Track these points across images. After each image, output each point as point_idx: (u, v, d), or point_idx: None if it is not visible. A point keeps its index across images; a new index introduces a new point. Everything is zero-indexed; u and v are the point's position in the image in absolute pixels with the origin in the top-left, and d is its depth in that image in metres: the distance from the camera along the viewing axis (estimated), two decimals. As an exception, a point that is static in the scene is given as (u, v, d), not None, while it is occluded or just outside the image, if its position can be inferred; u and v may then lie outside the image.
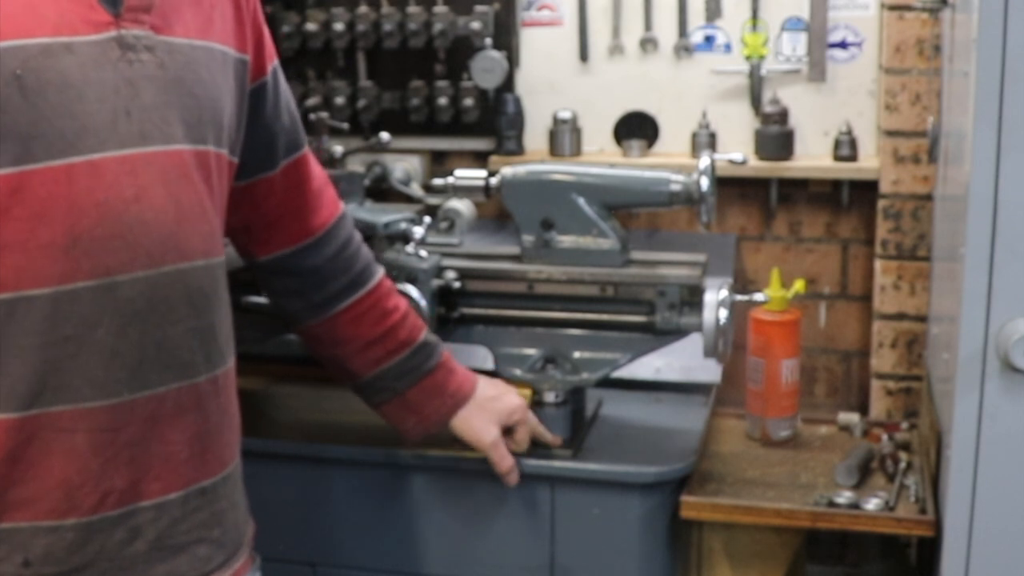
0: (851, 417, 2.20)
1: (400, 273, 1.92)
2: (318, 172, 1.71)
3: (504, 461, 1.83)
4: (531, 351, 1.95)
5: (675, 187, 1.90)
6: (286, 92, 1.63)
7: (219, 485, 1.41)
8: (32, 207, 1.21)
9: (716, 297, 1.83)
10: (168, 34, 1.32)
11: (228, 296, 1.44)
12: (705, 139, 2.57)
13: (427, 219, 2.08)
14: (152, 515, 1.32)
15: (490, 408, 1.82)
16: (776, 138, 2.52)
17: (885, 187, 2.47)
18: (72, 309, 1.24)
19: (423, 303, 1.90)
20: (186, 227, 1.32)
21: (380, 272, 1.78)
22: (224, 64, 1.41)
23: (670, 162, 2.50)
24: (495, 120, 2.64)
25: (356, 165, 2.63)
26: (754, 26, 2.55)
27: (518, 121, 2.65)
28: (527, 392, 1.96)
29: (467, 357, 2.20)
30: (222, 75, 1.40)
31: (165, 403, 1.32)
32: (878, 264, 2.50)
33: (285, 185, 1.64)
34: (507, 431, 1.85)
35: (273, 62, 1.57)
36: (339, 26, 2.65)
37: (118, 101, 1.25)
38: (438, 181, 2.05)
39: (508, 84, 2.64)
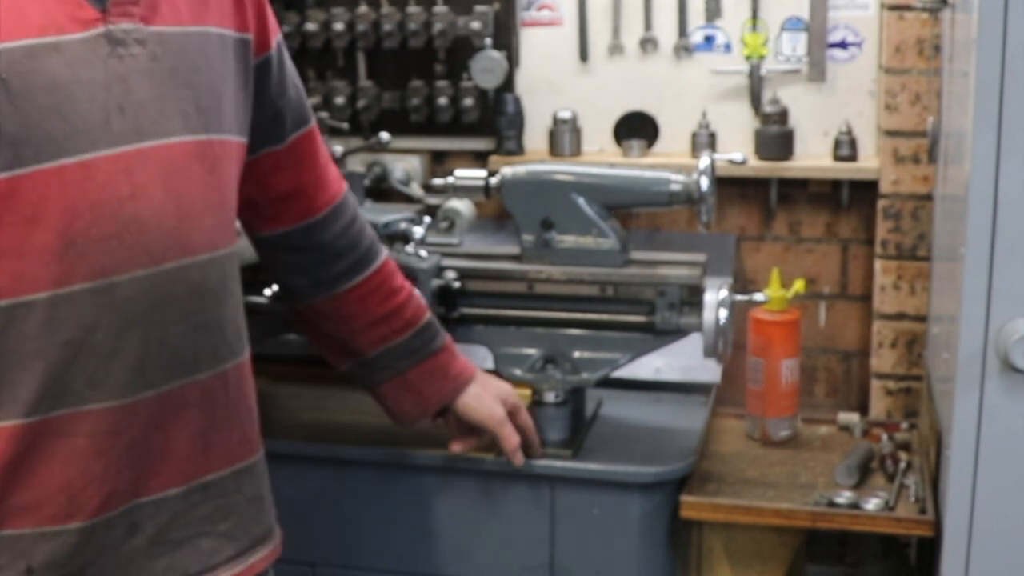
0: (851, 417, 2.20)
1: (400, 273, 1.93)
2: (324, 148, 1.68)
3: (513, 438, 1.82)
4: (531, 351, 1.95)
5: (675, 187, 1.90)
6: (291, 67, 1.60)
7: (228, 480, 1.40)
8: (24, 212, 1.19)
9: (716, 297, 1.83)
10: (159, 24, 1.29)
11: (239, 287, 1.42)
12: (705, 139, 2.57)
13: (427, 219, 2.08)
14: (151, 510, 1.31)
15: (492, 387, 1.82)
16: (776, 138, 2.52)
17: (885, 187, 2.47)
18: (70, 313, 1.22)
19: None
20: (188, 222, 1.30)
21: (385, 251, 1.76)
22: (223, 47, 1.39)
23: (670, 162, 2.50)
24: (495, 120, 2.64)
25: (356, 165, 2.63)
26: (754, 26, 2.55)
27: (518, 121, 2.65)
28: (527, 392, 1.96)
29: (467, 357, 2.20)
30: (221, 59, 1.38)
31: (168, 401, 1.31)
32: (878, 264, 2.50)
33: (292, 160, 1.61)
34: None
35: (277, 36, 1.55)
36: (339, 26, 2.65)
37: (110, 98, 1.24)
38: (438, 181, 2.05)
39: (508, 84, 2.64)
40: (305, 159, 1.63)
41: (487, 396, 1.81)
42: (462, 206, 2.33)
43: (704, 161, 1.89)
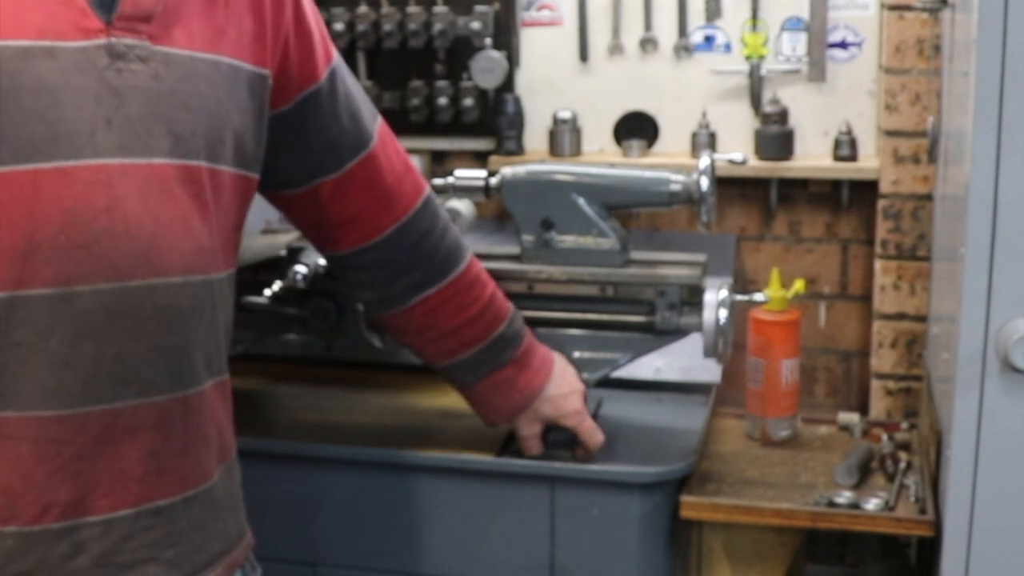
0: (851, 417, 2.20)
1: (400, 273, 1.92)
2: (393, 165, 1.66)
3: (598, 434, 1.85)
4: (531, 351, 1.95)
5: (675, 187, 1.90)
6: (346, 93, 1.58)
7: (179, 506, 1.35)
8: None
9: (716, 297, 1.83)
10: (168, 44, 1.27)
11: (220, 315, 1.38)
12: (705, 139, 2.57)
13: (427, 219, 2.08)
14: (99, 531, 1.28)
15: (542, 408, 1.83)
16: (776, 138, 2.52)
17: (885, 187, 2.47)
18: (26, 315, 1.20)
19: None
20: (163, 243, 1.26)
21: (464, 262, 1.75)
22: (234, 79, 1.36)
23: (670, 162, 2.50)
24: (495, 120, 2.64)
25: (356, 165, 2.63)
26: (754, 26, 2.55)
27: (518, 121, 2.65)
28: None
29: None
30: (228, 89, 1.35)
31: (120, 419, 1.27)
32: (878, 264, 2.51)
33: (350, 187, 1.61)
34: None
35: (330, 65, 1.53)
36: (339, 26, 2.65)
37: (99, 110, 1.21)
38: (438, 181, 2.04)
39: (508, 84, 2.64)
40: (364, 184, 1.62)
41: (528, 415, 1.83)
42: (462, 206, 2.33)
43: (704, 161, 1.89)
